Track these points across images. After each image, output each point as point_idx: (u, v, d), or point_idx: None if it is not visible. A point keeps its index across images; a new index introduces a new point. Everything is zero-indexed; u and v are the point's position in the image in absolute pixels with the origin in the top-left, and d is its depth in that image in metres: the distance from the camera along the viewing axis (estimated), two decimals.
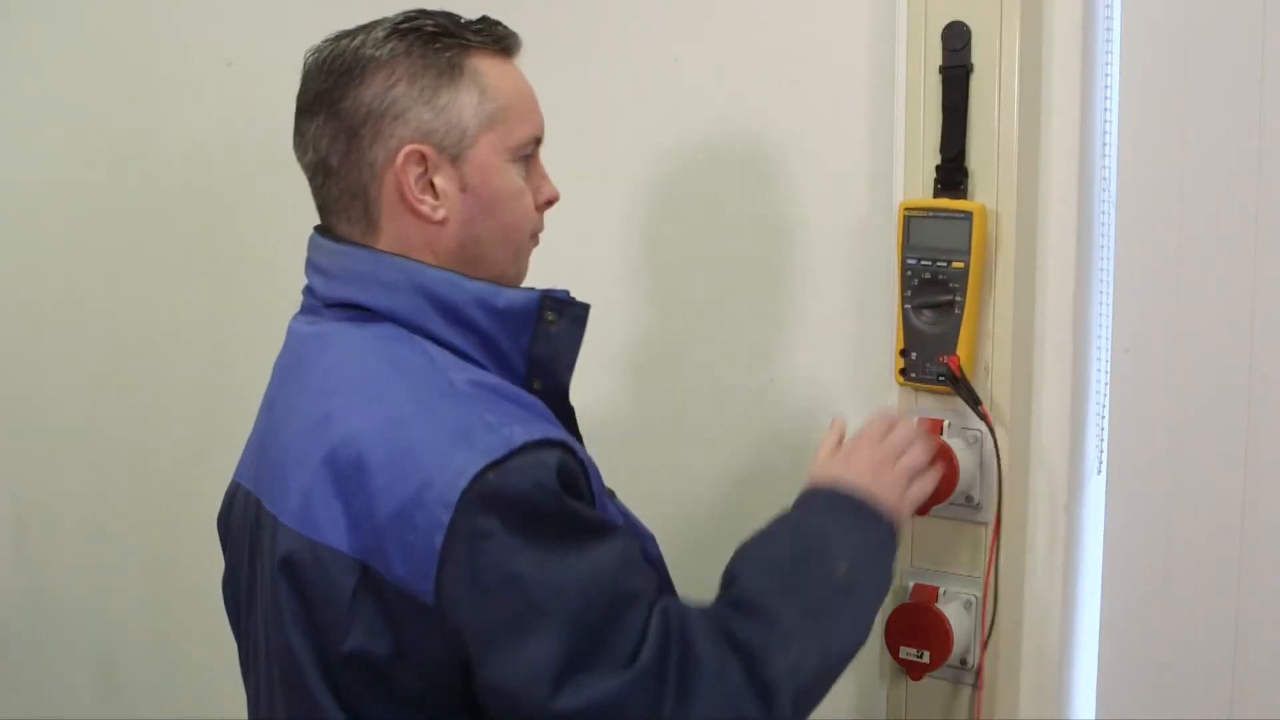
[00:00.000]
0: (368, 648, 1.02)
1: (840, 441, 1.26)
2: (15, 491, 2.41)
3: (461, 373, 1.07)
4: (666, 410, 1.65)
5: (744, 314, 1.60)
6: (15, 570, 2.42)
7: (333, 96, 1.11)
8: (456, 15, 1.14)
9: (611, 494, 1.23)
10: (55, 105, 2.22)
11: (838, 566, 1.10)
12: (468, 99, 1.10)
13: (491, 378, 1.09)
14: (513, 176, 1.14)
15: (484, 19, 1.15)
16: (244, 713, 1.21)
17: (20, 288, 2.33)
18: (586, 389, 1.25)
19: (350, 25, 1.15)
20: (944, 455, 1.32)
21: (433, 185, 1.10)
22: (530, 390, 1.12)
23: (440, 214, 1.11)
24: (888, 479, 1.19)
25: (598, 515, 1.04)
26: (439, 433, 1.00)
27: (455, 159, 1.11)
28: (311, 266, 1.17)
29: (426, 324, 1.09)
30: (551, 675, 0.95)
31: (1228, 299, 1.32)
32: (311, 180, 1.15)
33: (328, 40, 1.14)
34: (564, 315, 1.13)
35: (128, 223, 2.16)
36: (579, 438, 1.20)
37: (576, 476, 1.03)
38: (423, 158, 1.09)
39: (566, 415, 1.18)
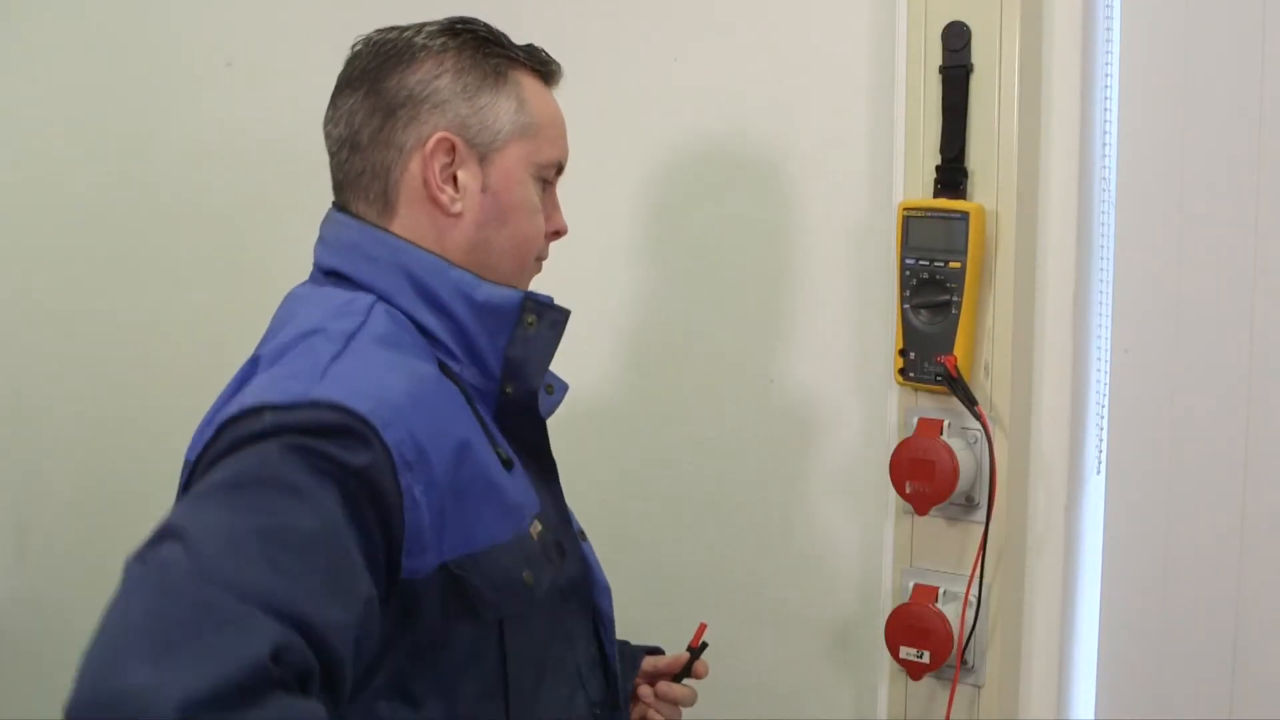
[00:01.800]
0: None
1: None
2: (16, 493, 2.40)
3: (380, 349, 1.03)
4: (665, 410, 1.65)
5: (743, 314, 1.60)
6: (15, 572, 2.42)
7: (378, 75, 1.12)
8: (505, 34, 1.17)
9: (583, 536, 1.22)
10: (55, 105, 2.22)
11: None
12: (506, 105, 1.12)
13: (419, 364, 1.05)
14: (531, 192, 1.14)
15: (530, 46, 1.17)
16: None
17: (20, 288, 2.33)
18: (586, 388, 1.25)
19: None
20: (940, 454, 1.32)
21: (455, 179, 1.11)
22: (503, 394, 1.11)
23: (458, 207, 1.11)
24: None
25: (310, 485, 0.89)
26: (279, 372, 1.00)
27: (483, 158, 1.12)
28: (319, 236, 1.17)
29: (405, 303, 1.09)
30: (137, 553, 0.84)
31: (1227, 299, 1.32)
32: (335, 155, 1.15)
33: (378, 31, 1.16)
34: (543, 319, 1.12)
35: (128, 222, 2.16)
36: (547, 456, 1.16)
37: (360, 469, 0.91)
38: (452, 148, 1.10)
39: (534, 429, 1.15)
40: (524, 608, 1.06)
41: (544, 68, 1.17)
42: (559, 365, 1.16)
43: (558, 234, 1.19)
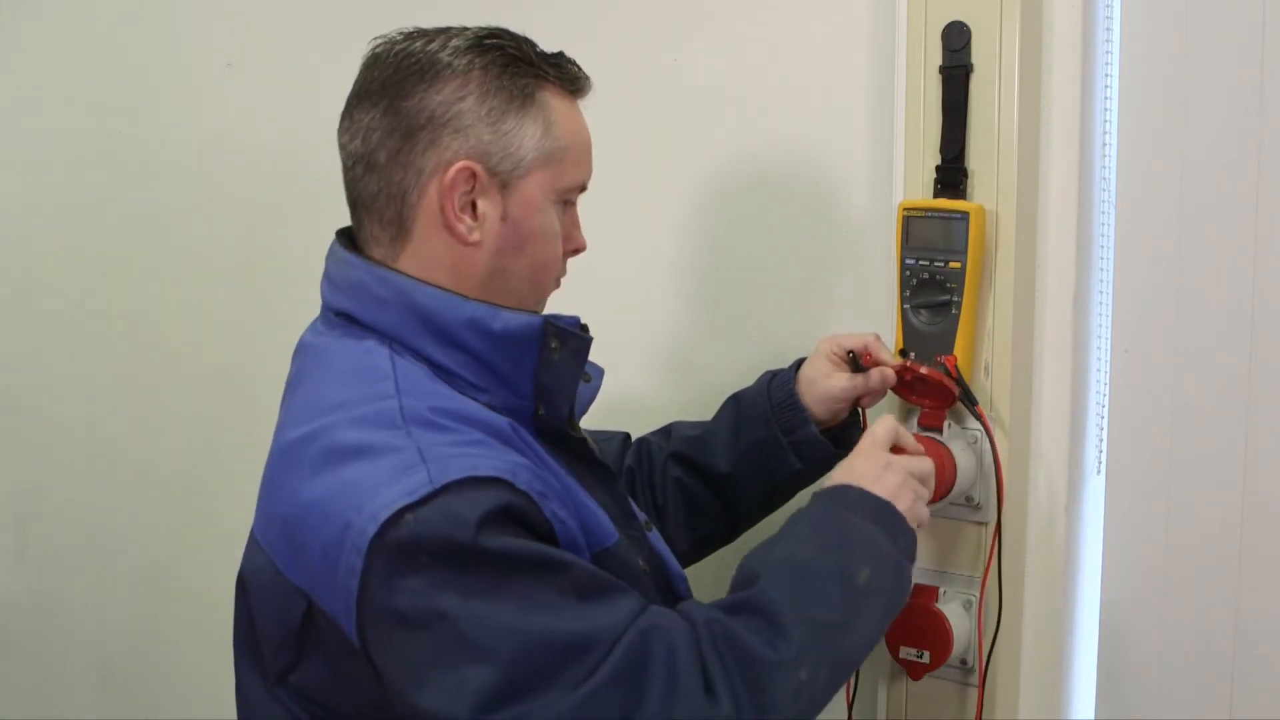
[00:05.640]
0: (311, 677, 1.03)
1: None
2: (16, 493, 2.41)
3: (424, 398, 1.04)
4: (664, 410, 1.65)
5: (743, 314, 1.60)
6: (17, 571, 2.42)
7: (399, 91, 1.08)
8: (534, 43, 1.13)
9: (649, 525, 1.22)
10: (55, 105, 2.22)
11: (859, 572, 1.06)
12: (532, 130, 1.09)
13: (463, 403, 1.06)
14: (552, 218, 1.12)
15: (560, 55, 1.14)
16: None
17: (20, 288, 2.33)
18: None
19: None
20: (935, 454, 1.31)
21: (474, 206, 1.08)
22: (535, 416, 1.10)
23: (475, 236, 1.09)
24: (902, 488, 1.15)
25: (539, 551, 0.97)
26: (369, 469, 0.98)
27: (504, 186, 1.09)
28: (325, 272, 1.16)
29: (416, 342, 1.08)
30: (481, 703, 0.91)
31: (1227, 299, 1.32)
32: (349, 170, 1.12)
33: (400, 35, 1.11)
34: (566, 345, 1.10)
35: (127, 223, 2.16)
36: (597, 468, 1.17)
37: (521, 513, 0.98)
38: (473, 176, 1.07)
39: (575, 443, 1.15)
40: (654, 599, 1.08)
41: (574, 84, 1.14)
42: None
43: (576, 251, 1.18)
